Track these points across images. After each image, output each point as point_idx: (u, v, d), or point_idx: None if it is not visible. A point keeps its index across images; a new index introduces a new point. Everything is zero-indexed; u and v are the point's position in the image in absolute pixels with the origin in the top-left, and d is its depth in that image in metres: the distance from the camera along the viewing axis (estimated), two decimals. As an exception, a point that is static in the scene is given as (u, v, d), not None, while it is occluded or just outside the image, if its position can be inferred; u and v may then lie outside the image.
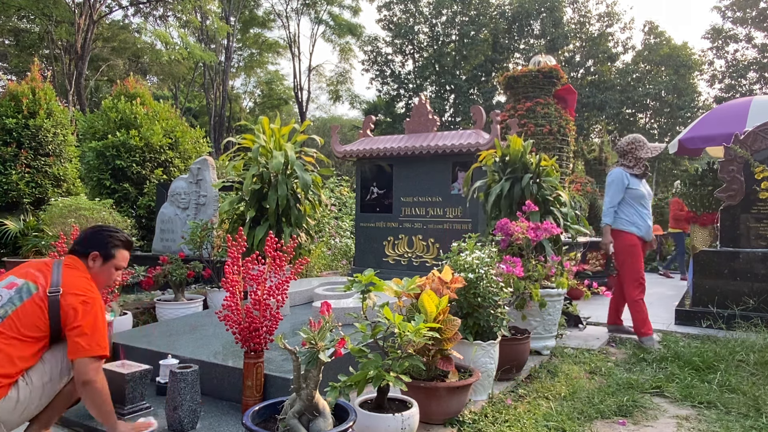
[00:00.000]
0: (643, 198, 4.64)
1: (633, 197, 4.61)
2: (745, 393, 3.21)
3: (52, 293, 2.08)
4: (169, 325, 3.86)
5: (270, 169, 5.07)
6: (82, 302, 2.08)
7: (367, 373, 2.18)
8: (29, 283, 2.11)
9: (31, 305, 2.05)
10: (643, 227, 4.61)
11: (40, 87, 9.14)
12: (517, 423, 2.70)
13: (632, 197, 4.61)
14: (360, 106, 33.43)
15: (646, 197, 4.66)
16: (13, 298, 2.06)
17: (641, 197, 4.63)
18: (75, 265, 2.25)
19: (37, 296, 2.08)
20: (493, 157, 4.90)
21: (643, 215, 4.62)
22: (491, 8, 29.68)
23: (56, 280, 2.12)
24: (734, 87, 27.32)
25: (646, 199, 4.65)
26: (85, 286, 2.17)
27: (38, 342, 2.06)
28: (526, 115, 9.78)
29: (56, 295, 2.08)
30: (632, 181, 4.64)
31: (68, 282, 2.13)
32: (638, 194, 4.62)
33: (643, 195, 4.65)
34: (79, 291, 2.12)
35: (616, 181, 4.64)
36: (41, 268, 2.19)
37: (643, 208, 4.63)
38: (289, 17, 29.68)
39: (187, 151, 9.94)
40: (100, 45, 24.59)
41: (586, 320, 5.26)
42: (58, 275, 2.15)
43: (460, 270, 3.14)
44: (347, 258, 8.01)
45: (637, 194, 4.61)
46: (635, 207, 4.61)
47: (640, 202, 4.62)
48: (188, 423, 2.39)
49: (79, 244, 2.33)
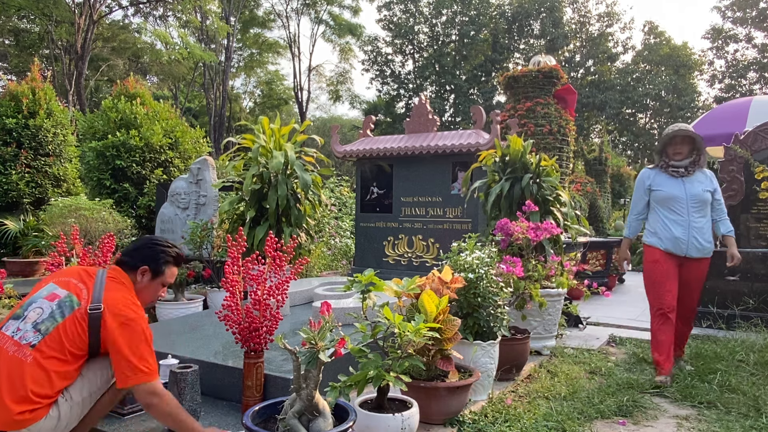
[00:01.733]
0: (671, 201, 3.60)
1: (657, 200, 3.68)
2: (745, 393, 3.21)
3: (93, 310, 1.95)
4: (169, 325, 3.86)
5: (270, 169, 5.07)
6: (122, 323, 1.95)
7: (367, 373, 2.18)
8: (72, 296, 1.98)
9: (72, 323, 1.92)
10: (667, 237, 3.58)
11: (40, 87, 9.14)
12: (517, 423, 2.70)
13: (656, 201, 3.68)
14: (360, 106, 33.45)
15: (676, 199, 3.58)
16: (55, 313, 1.93)
17: (668, 199, 3.61)
18: (120, 278, 2.11)
19: (79, 312, 1.95)
20: (493, 157, 4.90)
21: (668, 222, 3.59)
22: (491, 8, 29.69)
23: (98, 294, 1.99)
24: (734, 87, 27.33)
25: (676, 202, 3.58)
26: (128, 302, 2.03)
27: (78, 359, 1.95)
28: (526, 115, 9.78)
29: (97, 312, 1.95)
30: (657, 181, 3.70)
31: (110, 297, 1.99)
32: (662, 196, 3.63)
33: (671, 197, 3.60)
34: (122, 310, 1.97)
35: (636, 185, 3.85)
36: (84, 278, 2.05)
37: (671, 213, 3.60)
38: (289, 17, 29.70)
39: (187, 151, 9.95)
40: (100, 45, 24.60)
41: (586, 320, 5.26)
42: (101, 289, 2.00)
43: (460, 270, 3.14)
44: (347, 258, 8.01)
45: (660, 196, 3.64)
46: (659, 212, 3.66)
47: (667, 205, 3.62)
48: (188, 423, 2.39)
49: (129, 255, 2.19)
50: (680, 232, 3.54)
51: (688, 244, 3.52)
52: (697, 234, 3.52)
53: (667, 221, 3.59)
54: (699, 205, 3.56)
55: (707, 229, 3.57)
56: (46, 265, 3.55)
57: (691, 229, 3.52)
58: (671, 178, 3.63)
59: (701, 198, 3.56)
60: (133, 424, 2.48)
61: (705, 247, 3.55)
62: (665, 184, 3.64)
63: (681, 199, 3.57)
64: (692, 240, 3.51)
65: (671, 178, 3.64)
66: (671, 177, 3.63)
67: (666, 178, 3.66)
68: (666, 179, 3.66)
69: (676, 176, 3.61)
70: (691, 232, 3.52)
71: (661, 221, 3.63)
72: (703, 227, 3.55)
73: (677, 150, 3.61)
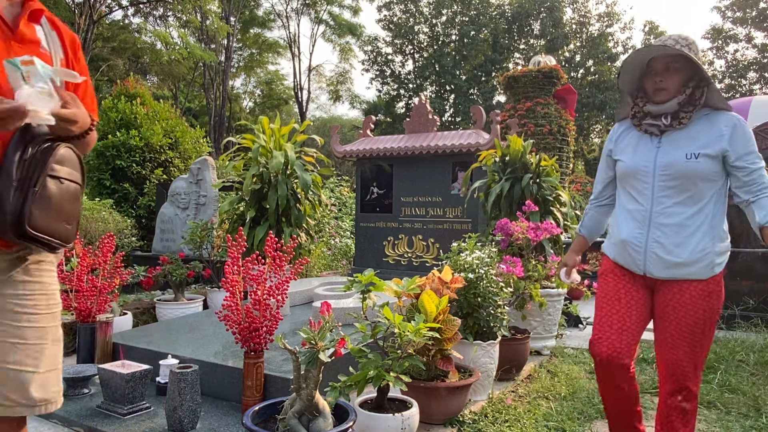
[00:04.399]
0: (630, 177, 2.07)
1: (618, 178, 2.18)
2: (745, 393, 3.21)
3: None
4: (169, 325, 3.86)
5: (270, 169, 5.07)
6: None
7: (367, 373, 2.18)
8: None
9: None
10: (613, 242, 2.15)
11: (40, 87, 9.13)
12: (517, 423, 2.70)
13: (618, 178, 2.18)
14: (360, 106, 33.46)
15: (636, 174, 2.04)
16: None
17: (626, 176, 2.09)
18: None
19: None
20: (493, 157, 4.90)
21: (621, 214, 2.12)
22: (491, 8, 29.69)
23: None
24: (734, 87, 27.33)
25: (637, 179, 2.04)
26: None
27: None
28: (526, 115, 9.79)
29: None
30: (621, 145, 2.15)
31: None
32: (621, 170, 2.12)
33: (630, 171, 2.06)
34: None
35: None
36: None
37: (630, 199, 2.08)
38: (289, 17, 29.70)
39: (187, 151, 9.95)
40: (100, 45, 24.59)
41: (586, 320, 5.26)
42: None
43: (460, 270, 3.14)
44: (347, 258, 8.02)
45: (619, 170, 2.13)
46: (619, 198, 2.18)
47: (626, 186, 2.11)
48: (188, 423, 2.39)
49: None
50: (631, 232, 2.02)
51: (644, 254, 1.98)
52: (663, 236, 1.94)
53: (622, 214, 2.11)
54: (676, 184, 1.93)
55: (692, 227, 1.91)
56: (46, 265, 3.54)
57: (652, 226, 1.97)
58: (643, 137, 2.05)
59: (681, 169, 1.91)
60: (133, 424, 2.48)
61: (676, 262, 1.92)
62: (629, 149, 2.08)
63: (645, 173, 2.00)
64: (652, 246, 1.96)
65: (643, 139, 2.05)
66: (644, 136, 2.05)
67: (635, 138, 2.08)
68: (635, 140, 2.08)
69: (654, 134, 2.02)
70: (652, 232, 1.96)
71: (616, 214, 2.18)
72: (680, 224, 1.92)
73: (659, 83, 1.96)
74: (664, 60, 1.96)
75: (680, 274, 1.95)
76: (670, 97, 1.96)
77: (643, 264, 2.00)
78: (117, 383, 2.59)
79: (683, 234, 1.93)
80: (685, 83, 1.96)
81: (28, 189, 1.25)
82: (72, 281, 3.36)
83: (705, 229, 1.92)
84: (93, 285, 3.40)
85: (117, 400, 2.60)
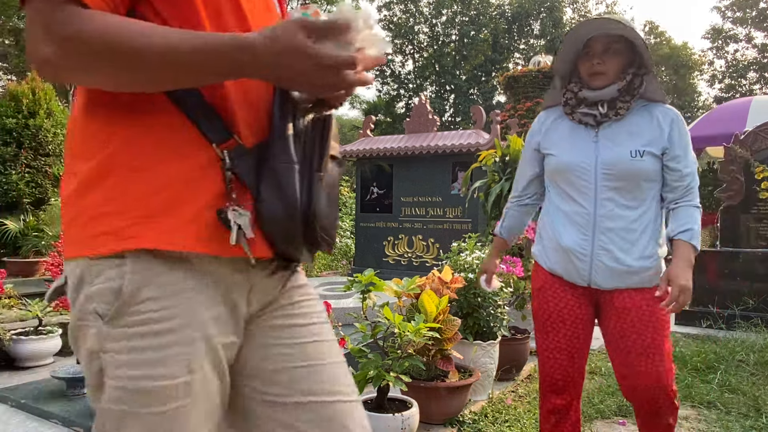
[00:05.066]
0: (566, 174, 1.82)
1: (548, 174, 1.93)
2: (745, 393, 3.21)
3: None
4: (169, 325, 3.85)
5: (270, 169, 5.07)
6: None
7: (367, 373, 2.18)
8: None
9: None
10: (552, 248, 1.86)
11: (40, 87, 9.14)
12: (517, 423, 2.70)
13: (548, 174, 1.93)
14: (360, 106, 33.46)
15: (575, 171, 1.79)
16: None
17: (561, 172, 1.84)
18: None
19: None
20: (493, 157, 4.90)
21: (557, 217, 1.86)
22: (491, 8, 29.70)
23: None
24: (734, 87, 27.34)
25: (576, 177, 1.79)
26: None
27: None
28: (526, 115, 9.79)
29: None
30: (550, 136, 1.91)
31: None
32: (553, 165, 1.87)
33: (566, 167, 1.82)
34: None
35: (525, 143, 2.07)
36: None
37: (566, 200, 1.83)
38: (289, 17, 29.70)
39: (187, 151, 9.95)
40: (100, 45, 24.59)
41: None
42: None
43: (460, 270, 3.14)
44: (347, 258, 8.02)
45: (551, 165, 1.88)
46: (550, 197, 1.93)
47: (560, 184, 1.85)
48: (188, 423, 2.39)
49: None
50: (574, 238, 1.77)
51: (590, 263, 1.75)
52: (610, 242, 1.73)
53: (556, 215, 1.84)
54: (620, 185, 1.73)
55: (637, 231, 1.73)
56: (46, 265, 3.55)
57: (597, 231, 1.74)
58: (577, 128, 1.82)
59: (626, 168, 1.72)
60: (133, 424, 2.48)
61: (625, 270, 1.73)
62: (562, 143, 1.84)
63: (585, 171, 1.77)
64: (598, 254, 1.74)
65: (577, 130, 1.82)
66: (578, 127, 1.82)
67: (568, 128, 1.84)
68: (567, 131, 1.84)
69: (589, 124, 1.79)
70: (598, 238, 1.74)
71: (550, 214, 1.88)
72: (626, 228, 1.73)
73: (597, 65, 1.73)
74: (605, 40, 1.72)
75: (629, 283, 1.75)
76: (609, 82, 1.74)
77: (588, 274, 1.77)
78: (117, 383, 2.59)
79: (629, 239, 1.73)
80: (625, 69, 1.75)
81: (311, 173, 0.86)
82: (72, 281, 3.36)
83: (649, 233, 1.74)
84: (93, 285, 3.39)
85: (117, 400, 2.60)
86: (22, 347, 3.70)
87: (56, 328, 3.93)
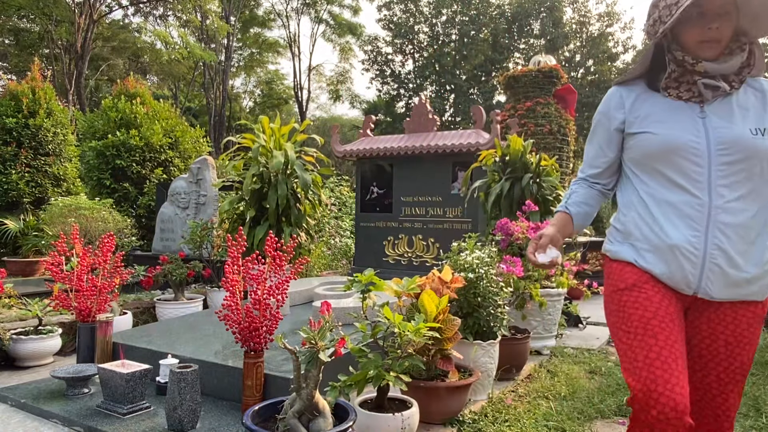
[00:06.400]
0: (672, 157, 1.45)
1: (639, 157, 1.54)
2: (745, 393, 3.21)
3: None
4: (169, 325, 3.86)
5: (270, 168, 5.07)
6: None
7: (367, 373, 2.18)
8: None
9: None
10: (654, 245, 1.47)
11: (40, 86, 9.14)
12: (517, 423, 2.70)
13: (637, 158, 1.55)
14: (360, 105, 33.45)
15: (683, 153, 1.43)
16: None
17: (666, 153, 1.46)
18: None
19: None
20: (493, 156, 4.90)
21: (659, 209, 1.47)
22: (491, 8, 29.69)
23: None
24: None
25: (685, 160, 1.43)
26: None
27: None
28: (526, 114, 9.79)
29: None
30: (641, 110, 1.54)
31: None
32: (654, 146, 1.48)
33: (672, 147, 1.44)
34: None
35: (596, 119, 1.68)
36: None
37: (670, 188, 1.46)
38: (289, 17, 29.71)
39: (187, 150, 9.96)
40: (100, 44, 24.59)
41: (586, 320, 5.26)
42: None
43: (460, 270, 3.14)
44: (347, 258, 8.02)
45: (647, 147, 1.50)
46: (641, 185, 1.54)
47: (662, 169, 1.47)
48: (188, 423, 2.39)
49: None
50: (684, 234, 1.42)
51: (702, 266, 1.41)
52: (727, 241, 1.40)
53: (656, 207, 1.48)
54: (740, 168, 1.41)
55: (754, 230, 1.42)
56: (46, 265, 3.55)
57: (712, 225, 1.40)
58: (676, 105, 1.50)
59: (748, 147, 1.41)
60: (133, 424, 2.48)
61: (742, 278, 1.42)
62: (660, 119, 1.50)
63: (696, 152, 1.43)
64: (713, 255, 1.40)
65: (677, 106, 1.49)
66: (676, 103, 1.50)
67: (664, 105, 1.51)
68: (664, 107, 1.51)
69: (692, 100, 1.48)
70: (713, 234, 1.40)
71: (644, 206, 1.51)
72: (746, 225, 1.41)
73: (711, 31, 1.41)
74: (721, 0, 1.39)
75: (742, 294, 1.42)
76: (720, 53, 1.44)
77: (698, 280, 1.40)
78: (117, 383, 2.59)
79: (748, 238, 1.40)
80: (736, 37, 1.46)
81: None
82: (72, 281, 3.35)
83: (765, 235, 1.44)
84: (93, 284, 3.40)
85: (117, 399, 2.60)
86: (22, 347, 3.70)
87: (56, 328, 3.93)
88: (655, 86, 1.54)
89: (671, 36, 1.50)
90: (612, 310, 1.54)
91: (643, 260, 1.49)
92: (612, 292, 1.55)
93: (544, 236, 1.64)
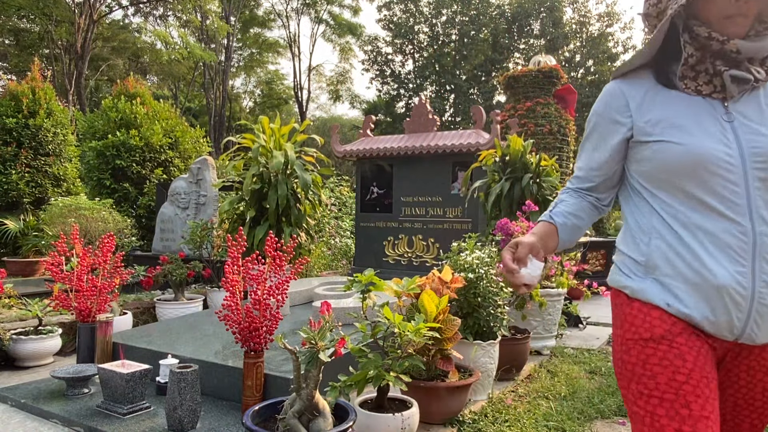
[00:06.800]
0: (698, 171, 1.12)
1: (653, 172, 1.20)
2: None
3: None
4: (169, 325, 3.86)
5: (270, 168, 5.07)
6: None
7: (367, 373, 2.18)
8: None
9: None
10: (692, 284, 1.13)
11: (40, 87, 9.15)
12: (517, 423, 2.70)
13: (650, 173, 1.21)
14: (360, 106, 33.46)
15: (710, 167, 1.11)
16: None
17: (690, 168, 1.13)
18: None
19: None
20: (493, 156, 4.90)
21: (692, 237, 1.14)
22: (491, 8, 29.69)
23: None
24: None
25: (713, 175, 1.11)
26: None
27: None
28: (526, 115, 9.79)
29: None
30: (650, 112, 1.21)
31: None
32: (672, 157, 1.15)
33: (697, 159, 1.12)
34: None
35: (591, 118, 1.33)
36: None
37: (698, 209, 1.14)
38: (289, 17, 29.72)
39: (187, 150, 9.96)
40: (100, 45, 24.60)
41: (586, 320, 5.26)
42: None
43: (460, 270, 3.14)
44: (347, 258, 8.02)
45: (663, 160, 1.17)
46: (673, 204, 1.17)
47: (685, 187, 1.14)
48: (188, 423, 2.39)
49: None
50: (731, 272, 1.11)
51: (750, 307, 1.11)
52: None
53: (689, 235, 1.15)
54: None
55: None
56: (46, 265, 3.55)
57: (758, 257, 1.10)
58: (694, 102, 1.19)
59: None
60: (133, 424, 2.48)
61: None
62: (681, 123, 1.17)
63: (729, 167, 1.12)
64: (762, 293, 1.10)
65: (695, 104, 1.19)
66: (693, 99, 1.19)
67: (680, 103, 1.20)
68: (681, 107, 1.19)
69: (713, 95, 1.19)
70: (760, 267, 1.11)
71: (671, 232, 1.18)
72: None
73: (733, 4, 1.11)
74: None
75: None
76: (747, 30, 1.15)
77: (743, 324, 1.12)
78: (117, 383, 2.59)
79: None
80: (760, 18, 1.17)
81: None
82: (72, 281, 3.36)
83: None
84: (93, 285, 3.40)
85: (117, 399, 2.60)
86: (22, 347, 3.70)
87: (56, 328, 3.93)
88: (663, 79, 1.23)
89: (685, 13, 1.19)
90: (629, 362, 1.20)
91: (680, 303, 1.15)
92: (630, 341, 1.20)
93: (522, 244, 1.28)
